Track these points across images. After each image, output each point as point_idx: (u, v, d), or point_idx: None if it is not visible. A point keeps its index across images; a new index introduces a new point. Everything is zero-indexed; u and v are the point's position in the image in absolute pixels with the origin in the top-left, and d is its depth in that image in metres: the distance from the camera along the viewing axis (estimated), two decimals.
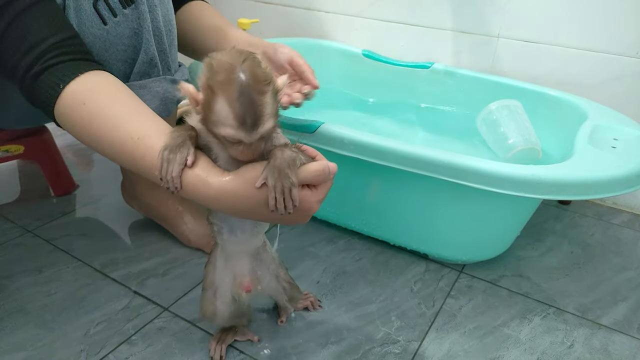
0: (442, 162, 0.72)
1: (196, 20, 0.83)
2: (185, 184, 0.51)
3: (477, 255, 0.88)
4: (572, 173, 0.70)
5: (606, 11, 1.00)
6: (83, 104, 0.55)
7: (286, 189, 0.48)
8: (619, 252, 0.96)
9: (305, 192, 0.51)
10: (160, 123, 0.55)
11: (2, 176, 1.12)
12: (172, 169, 0.49)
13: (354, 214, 0.92)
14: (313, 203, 0.51)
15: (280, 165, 0.47)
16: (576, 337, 0.74)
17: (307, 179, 0.50)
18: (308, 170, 0.50)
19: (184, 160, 0.50)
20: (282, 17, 1.40)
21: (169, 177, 0.50)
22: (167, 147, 0.50)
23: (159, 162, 0.50)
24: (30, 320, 0.72)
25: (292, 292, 0.70)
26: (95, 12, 0.63)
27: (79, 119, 0.56)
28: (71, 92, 0.55)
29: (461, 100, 1.14)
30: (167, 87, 0.74)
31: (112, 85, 0.58)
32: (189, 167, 0.50)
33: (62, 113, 0.57)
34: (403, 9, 1.22)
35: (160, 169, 0.50)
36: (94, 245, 0.89)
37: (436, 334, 0.74)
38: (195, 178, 0.50)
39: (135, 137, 0.53)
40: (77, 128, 0.57)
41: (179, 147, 0.50)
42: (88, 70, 0.57)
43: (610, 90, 1.03)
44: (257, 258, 0.65)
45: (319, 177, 0.51)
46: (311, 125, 0.79)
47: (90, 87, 0.56)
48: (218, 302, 0.64)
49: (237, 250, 0.63)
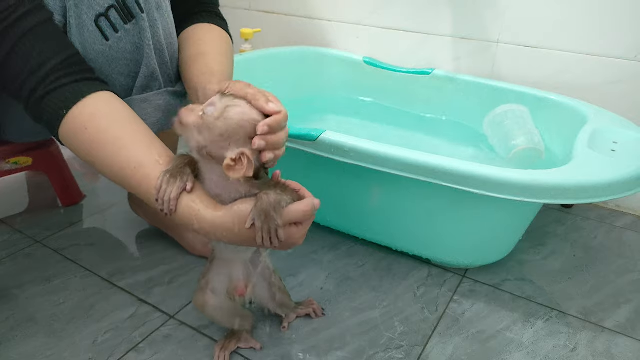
0: (443, 169, 0.73)
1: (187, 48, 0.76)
2: (181, 211, 0.54)
3: (480, 259, 0.88)
4: (571, 177, 0.71)
5: (605, 15, 1.00)
6: (85, 129, 0.58)
7: (272, 230, 0.52)
8: (622, 255, 0.96)
9: (291, 229, 0.54)
10: (156, 147, 0.58)
11: (11, 188, 1.14)
12: (171, 191, 0.53)
13: (357, 220, 0.93)
14: (299, 238, 0.55)
15: (266, 208, 0.51)
16: (579, 340, 0.75)
17: (295, 219, 0.54)
18: (296, 210, 0.53)
19: (184, 185, 0.53)
20: (284, 26, 1.42)
21: (166, 198, 0.53)
22: (168, 171, 0.53)
23: (159, 183, 0.53)
24: (39, 330, 0.73)
25: (283, 299, 0.71)
26: (97, 29, 0.65)
27: (81, 143, 0.59)
28: (73, 117, 0.58)
29: (462, 106, 1.15)
30: (169, 100, 0.75)
31: (112, 108, 0.60)
32: (188, 192, 0.53)
33: (66, 136, 0.60)
34: (403, 17, 1.23)
35: (159, 189, 0.53)
36: (101, 255, 0.91)
37: (439, 338, 0.74)
38: (190, 209, 0.54)
39: (132, 166, 0.56)
40: (79, 151, 0.60)
41: (180, 173, 0.53)
42: (90, 93, 0.59)
43: (610, 94, 1.04)
44: (252, 264, 0.67)
45: (306, 216, 0.54)
46: (312, 133, 0.80)
47: (91, 112, 0.58)
48: (208, 292, 0.66)
49: (231, 257, 0.65)
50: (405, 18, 1.23)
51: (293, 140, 0.82)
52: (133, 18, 0.67)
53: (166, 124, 0.75)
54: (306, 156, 0.82)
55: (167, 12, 0.72)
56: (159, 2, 0.70)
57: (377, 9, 1.26)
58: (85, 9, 0.63)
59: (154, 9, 0.69)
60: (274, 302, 0.71)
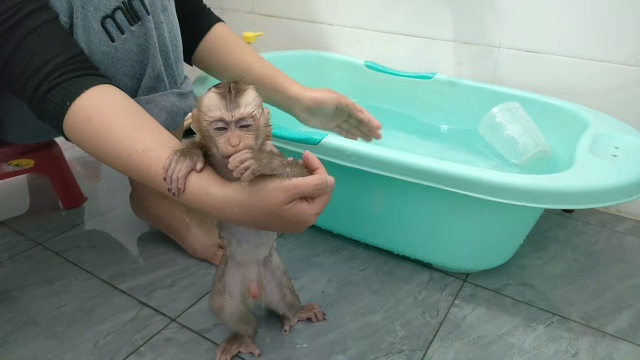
0: (444, 173, 0.73)
1: (225, 55, 0.90)
2: (189, 190, 0.53)
3: (481, 264, 0.89)
4: (573, 182, 0.71)
5: (606, 20, 1.01)
6: (89, 119, 0.57)
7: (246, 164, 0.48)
8: (623, 260, 0.96)
9: (303, 204, 0.53)
10: (164, 135, 0.58)
11: (12, 190, 1.14)
12: (180, 169, 0.52)
13: (358, 224, 0.93)
14: (310, 216, 0.53)
15: (258, 154, 0.49)
16: (580, 345, 0.75)
17: (305, 192, 0.52)
18: (307, 183, 0.52)
19: (193, 164, 0.53)
20: (285, 30, 1.42)
21: (175, 177, 0.52)
22: (179, 150, 0.53)
23: (167, 162, 0.53)
24: (40, 332, 0.73)
25: (292, 299, 0.72)
26: (103, 30, 0.65)
27: (86, 134, 0.58)
28: (77, 108, 0.58)
29: (463, 110, 1.15)
30: (173, 101, 0.76)
31: (116, 99, 0.60)
32: (197, 172, 0.53)
33: (70, 129, 0.59)
34: (404, 21, 1.23)
35: (167, 167, 0.52)
36: (103, 257, 0.91)
37: (440, 342, 0.74)
38: (199, 188, 0.53)
39: (140, 150, 0.55)
40: (85, 143, 0.59)
41: (190, 152, 0.53)
42: (93, 85, 0.59)
43: (611, 99, 1.04)
44: (264, 265, 0.68)
45: (317, 190, 0.52)
46: (314, 137, 0.80)
47: (96, 103, 0.58)
48: (227, 296, 0.66)
49: (245, 259, 0.66)
50: (407, 22, 1.23)
51: (294, 144, 0.82)
52: (139, 20, 0.67)
53: (171, 124, 0.76)
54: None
55: (172, 14, 0.73)
56: (165, 4, 0.71)
57: (378, 13, 1.26)
58: (92, 10, 0.64)
59: (160, 11, 0.70)
60: (284, 303, 0.71)
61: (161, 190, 0.54)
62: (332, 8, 1.32)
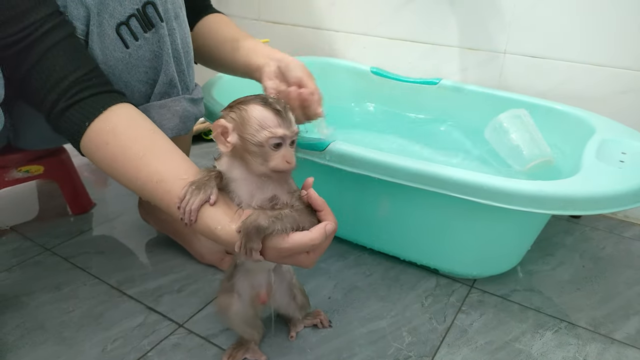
0: (451, 179, 0.73)
1: (214, 33, 0.87)
2: (200, 223, 0.55)
3: (488, 270, 0.88)
4: (580, 188, 0.71)
5: (612, 25, 1.01)
6: (106, 144, 0.60)
7: (247, 249, 0.52)
8: (631, 266, 0.95)
9: (300, 257, 0.55)
10: (176, 161, 0.60)
11: (21, 196, 1.15)
12: (194, 202, 0.54)
13: (364, 230, 0.93)
14: (308, 264, 0.56)
15: (248, 227, 0.52)
16: (588, 352, 0.74)
17: (300, 249, 0.54)
18: (300, 242, 0.53)
19: (207, 197, 0.55)
20: (292, 37, 1.43)
21: (188, 209, 0.54)
22: (194, 182, 0.55)
23: (182, 193, 0.55)
24: (49, 338, 0.74)
25: (302, 300, 0.72)
26: (118, 37, 0.67)
27: (103, 157, 0.61)
28: (94, 132, 0.60)
29: (469, 116, 1.15)
30: (185, 106, 0.77)
31: (132, 123, 0.62)
32: (210, 205, 0.55)
33: (88, 150, 0.62)
34: (410, 27, 1.24)
35: (182, 199, 0.55)
36: (111, 263, 0.91)
37: (448, 349, 0.74)
38: (207, 227, 0.55)
39: (154, 180, 0.58)
40: (102, 164, 0.62)
41: (205, 186, 0.55)
42: (110, 105, 0.61)
43: (618, 104, 1.04)
44: (275, 272, 0.68)
45: (314, 246, 0.54)
46: (321, 143, 0.81)
47: (112, 128, 0.60)
48: (235, 294, 0.67)
49: (256, 267, 0.66)
50: (413, 29, 1.24)
51: (301, 150, 0.82)
52: (153, 27, 0.69)
53: (183, 129, 0.77)
54: (314, 166, 0.82)
55: (184, 22, 0.75)
56: (177, 12, 0.72)
57: (384, 19, 1.27)
58: (107, 18, 0.65)
59: (173, 19, 0.71)
60: (295, 304, 0.71)
61: (174, 217, 0.56)
62: (338, 15, 1.33)
